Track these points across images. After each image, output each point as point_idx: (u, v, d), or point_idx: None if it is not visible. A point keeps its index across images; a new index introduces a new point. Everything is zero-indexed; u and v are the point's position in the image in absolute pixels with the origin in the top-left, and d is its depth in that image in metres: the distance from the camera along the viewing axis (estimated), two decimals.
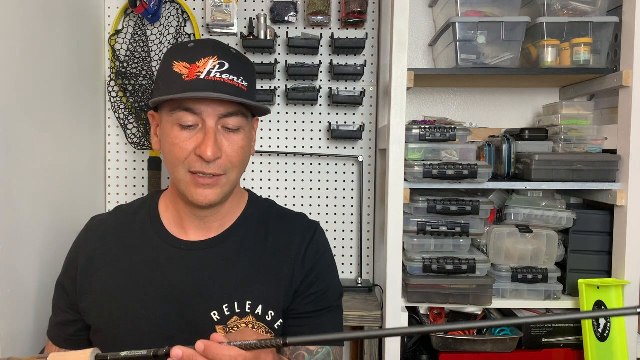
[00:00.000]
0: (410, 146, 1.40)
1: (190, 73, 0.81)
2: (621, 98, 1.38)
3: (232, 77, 0.82)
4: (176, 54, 0.85)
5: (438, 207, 1.39)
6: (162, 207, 0.97)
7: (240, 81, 0.84)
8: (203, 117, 0.83)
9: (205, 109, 0.82)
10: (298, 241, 0.95)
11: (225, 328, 0.88)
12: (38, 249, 1.25)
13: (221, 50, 0.84)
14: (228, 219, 0.95)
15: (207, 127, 0.83)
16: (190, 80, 0.81)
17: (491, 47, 1.44)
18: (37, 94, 1.24)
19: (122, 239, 0.94)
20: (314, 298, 0.93)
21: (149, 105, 1.62)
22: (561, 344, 1.43)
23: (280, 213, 1.01)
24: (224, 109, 0.83)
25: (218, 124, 0.84)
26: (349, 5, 1.61)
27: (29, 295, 1.19)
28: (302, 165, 1.72)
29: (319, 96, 1.68)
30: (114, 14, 1.68)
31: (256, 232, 0.95)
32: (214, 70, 0.81)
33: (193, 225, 0.93)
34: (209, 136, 0.82)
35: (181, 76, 0.82)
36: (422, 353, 1.47)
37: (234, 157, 0.86)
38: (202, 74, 0.81)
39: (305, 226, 0.99)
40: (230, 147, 0.85)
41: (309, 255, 0.94)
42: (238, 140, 0.86)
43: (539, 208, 1.44)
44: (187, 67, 0.82)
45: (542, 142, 1.48)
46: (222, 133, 0.85)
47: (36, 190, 1.24)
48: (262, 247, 0.94)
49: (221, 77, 0.81)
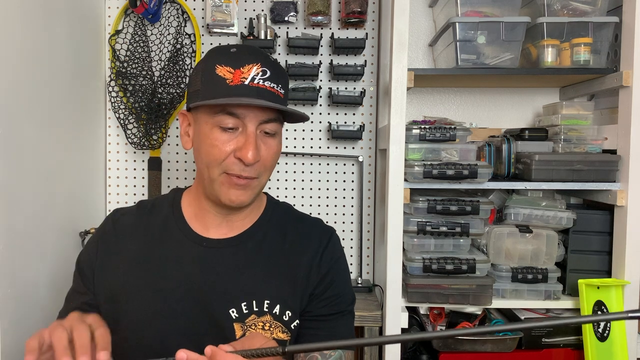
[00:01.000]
0: (410, 146, 1.40)
1: (234, 78, 0.84)
2: (621, 98, 1.38)
3: (272, 85, 0.85)
4: (219, 58, 0.87)
5: (438, 207, 1.39)
6: (185, 203, 0.98)
7: (279, 89, 0.87)
8: (245, 122, 0.85)
9: (248, 114, 0.85)
10: (314, 245, 0.97)
11: (243, 326, 0.89)
12: (38, 248, 1.25)
13: (263, 57, 0.87)
14: (248, 219, 0.97)
15: (249, 131, 0.85)
16: (234, 86, 0.83)
17: (491, 47, 1.44)
18: (37, 94, 1.25)
19: (144, 233, 0.95)
20: (328, 302, 0.95)
21: (147, 106, 1.62)
22: (561, 344, 1.43)
23: (298, 217, 1.04)
24: (266, 115, 0.86)
25: (257, 129, 0.87)
26: (349, 5, 1.61)
27: (29, 295, 1.19)
28: (302, 165, 1.72)
29: (319, 96, 1.68)
30: (114, 14, 1.68)
31: (275, 233, 0.98)
32: (257, 77, 0.84)
33: (215, 224, 0.95)
34: (250, 140, 0.85)
35: (225, 80, 0.84)
36: (422, 353, 1.47)
37: (268, 161, 0.89)
38: (246, 80, 0.84)
39: (322, 231, 1.01)
40: (266, 151, 0.88)
41: (325, 259, 0.97)
42: (274, 145, 0.89)
43: (539, 208, 1.44)
44: (232, 72, 0.84)
45: (542, 142, 1.48)
46: (260, 138, 0.87)
47: (36, 190, 1.24)
48: (280, 249, 0.96)
49: (264, 84, 0.84)
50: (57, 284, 1.30)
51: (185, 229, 0.95)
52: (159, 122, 1.63)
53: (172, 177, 1.73)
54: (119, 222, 0.98)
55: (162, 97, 1.63)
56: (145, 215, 0.98)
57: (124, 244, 0.95)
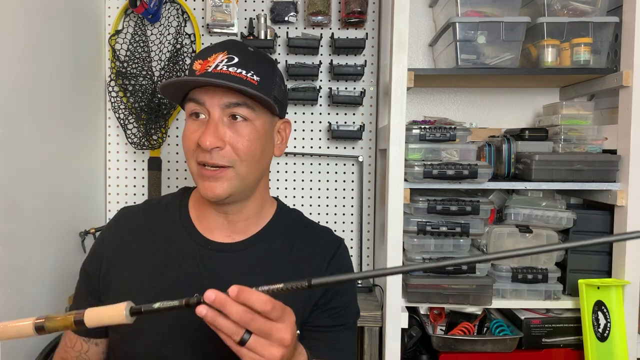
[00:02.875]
0: (410, 146, 1.40)
1: (201, 68, 0.84)
2: (621, 98, 1.38)
3: (239, 70, 0.83)
4: (198, 54, 0.88)
5: (438, 207, 1.39)
6: (191, 203, 0.98)
7: (250, 75, 0.84)
8: (207, 107, 0.84)
9: (209, 99, 0.83)
10: (322, 255, 0.95)
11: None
12: (38, 249, 1.25)
13: (234, 47, 0.86)
14: (254, 224, 0.95)
15: (210, 117, 0.84)
16: (199, 74, 0.83)
17: (491, 47, 1.44)
18: (38, 94, 1.24)
19: (151, 232, 0.94)
20: (331, 313, 0.93)
21: (147, 106, 1.62)
22: (561, 344, 1.43)
23: (307, 225, 1.02)
24: (227, 98, 0.83)
25: (223, 115, 0.85)
26: (349, 5, 1.61)
27: (29, 295, 1.19)
28: (302, 165, 1.72)
29: (319, 96, 1.68)
30: (114, 14, 1.68)
31: (282, 241, 0.95)
32: (221, 63, 0.83)
33: (217, 225, 0.93)
34: (208, 125, 0.83)
35: (195, 72, 0.84)
36: (422, 353, 1.47)
37: (239, 148, 0.84)
38: (210, 68, 0.83)
39: (330, 241, 0.99)
40: (234, 137, 0.84)
41: (331, 270, 0.95)
42: (245, 132, 0.85)
43: (539, 208, 1.44)
44: (201, 63, 0.85)
45: (542, 142, 1.48)
46: (226, 124, 0.85)
47: (36, 190, 1.24)
48: (286, 257, 0.94)
49: (228, 69, 0.83)
50: (57, 284, 1.30)
51: (190, 230, 0.94)
52: (159, 122, 1.63)
53: (172, 177, 1.73)
54: (126, 221, 0.97)
55: (162, 97, 1.63)
56: (153, 214, 0.97)
57: (130, 243, 0.94)
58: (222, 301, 0.62)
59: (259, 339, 0.63)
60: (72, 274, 0.98)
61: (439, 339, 1.41)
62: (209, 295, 0.61)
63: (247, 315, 0.62)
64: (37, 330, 0.63)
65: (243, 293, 0.62)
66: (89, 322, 0.63)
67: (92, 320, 0.63)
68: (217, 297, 0.62)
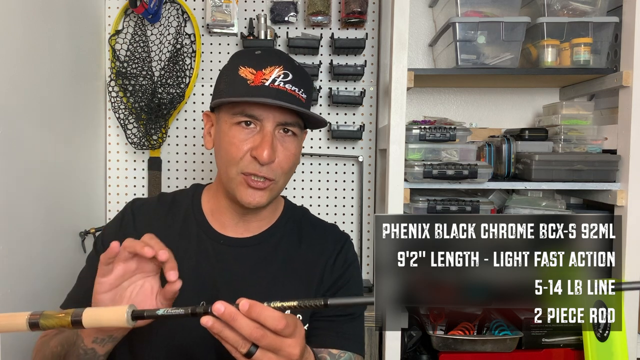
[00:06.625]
0: (410, 146, 1.40)
1: (255, 79, 0.84)
2: (621, 98, 1.38)
3: (294, 88, 0.85)
4: (243, 59, 0.88)
5: (438, 207, 1.39)
6: (205, 200, 0.99)
7: (301, 93, 0.86)
8: (262, 123, 0.86)
9: (267, 115, 0.85)
10: (329, 250, 0.98)
11: None
12: (38, 248, 1.25)
13: (287, 60, 0.88)
14: (266, 221, 0.98)
15: (265, 130, 0.85)
16: (255, 86, 0.84)
17: (491, 47, 1.44)
18: (38, 94, 1.25)
19: (164, 225, 0.96)
20: None
21: (147, 106, 1.62)
22: (561, 344, 1.43)
23: (314, 222, 1.05)
24: (283, 117, 0.86)
25: (275, 130, 0.87)
26: (349, 5, 1.61)
27: (29, 295, 1.19)
28: (302, 165, 1.72)
29: (319, 96, 1.68)
30: (114, 14, 1.68)
31: (291, 237, 0.99)
32: (278, 79, 0.84)
33: (232, 223, 0.96)
34: (266, 139, 0.84)
35: (246, 81, 0.84)
36: (422, 353, 1.47)
37: (285, 163, 0.88)
38: (267, 81, 0.84)
39: (337, 236, 1.02)
40: (283, 152, 0.87)
41: (338, 264, 0.98)
42: (292, 147, 0.89)
43: (539, 208, 1.44)
44: (253, 73, 0.84)
45: (542, 142, 1.48)
46: (277, 138, 0.87)
47: (36, 190, 1.24)
48: (295, 252, 0.97)
49: (284, 86, 0.84)
50: (58, 284, 1.30)
51: (204, 224, 0.96)
52: (159, 122, 1.63)
53: (172, 177, 1.73)
54: (138, 211, 0.98)
55: (162, 97, 1.63)
56: (166, 207, 0.99)
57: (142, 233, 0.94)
58: (231, 315, 0.59)
59: (267, 352, 0.62)
60: (72, 274, 0.98)
61: (438, 339, 1.41)
62: (218, 308, 0.59)
63: (258, 331, 0.60)
64: (31, 327, 0.62)
65: (255, 309, 0.60)
66: (87, 323, 0.63)
67: (91, 322, 0.63)
68: (226, 310, 0.59)
